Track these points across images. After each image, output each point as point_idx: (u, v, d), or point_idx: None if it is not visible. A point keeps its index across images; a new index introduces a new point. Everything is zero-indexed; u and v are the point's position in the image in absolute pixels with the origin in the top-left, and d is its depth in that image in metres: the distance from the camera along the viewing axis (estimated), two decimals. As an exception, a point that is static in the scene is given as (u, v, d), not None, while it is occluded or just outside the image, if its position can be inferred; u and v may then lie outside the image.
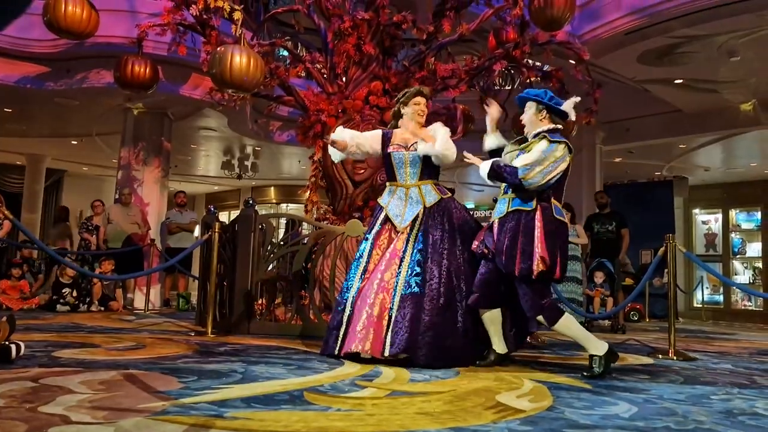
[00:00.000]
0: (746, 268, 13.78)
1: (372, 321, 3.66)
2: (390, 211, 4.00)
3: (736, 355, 5.11)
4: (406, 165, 4.05)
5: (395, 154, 4.06)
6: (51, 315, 6.90)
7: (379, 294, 3.74)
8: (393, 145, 4.09)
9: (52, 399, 2.22)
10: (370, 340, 3.60)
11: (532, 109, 3.78)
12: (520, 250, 3.49)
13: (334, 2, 6.15)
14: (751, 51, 7.45)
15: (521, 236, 3.52)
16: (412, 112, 4.11)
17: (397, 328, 3.60)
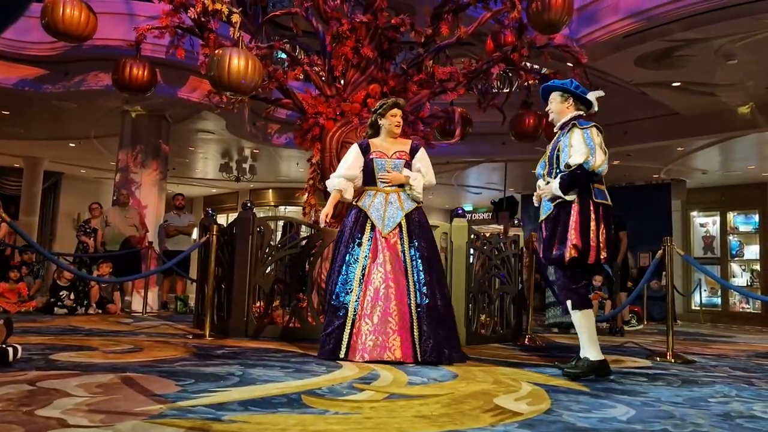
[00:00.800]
0: (744, 270, 13.78)
1: (395, 330, 3.85)
2: (372, 215, 4.14)
3: (734, 357, 5.12)
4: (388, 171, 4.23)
5: (378, 161, 4.24)
6: (48, 318, 6.89)
7: (392, 302, 3.91)
8: (374, 152, 4.26)
9: (49, 402, 2.21)
10: (399, 347, 3.81)
11: (557, 98, 3.85)
12: (558, 239, 3.62)
13: (333, 5, 6.16)
14: (748, 54, 7.46)
15: (560, 226, 3.63)
16: (389, 124, 4.29)
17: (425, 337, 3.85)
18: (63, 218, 15.50)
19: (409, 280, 3.98)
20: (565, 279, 3.66)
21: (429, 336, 3.85)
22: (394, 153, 4.25)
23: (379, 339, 3.81)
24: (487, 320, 5.72)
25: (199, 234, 6.40)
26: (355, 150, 4.33)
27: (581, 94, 3.84)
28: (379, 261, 4.00)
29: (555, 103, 3.86)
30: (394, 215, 4.12)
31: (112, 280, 7.86)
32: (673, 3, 6.54)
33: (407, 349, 3.81)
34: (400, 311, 3.88)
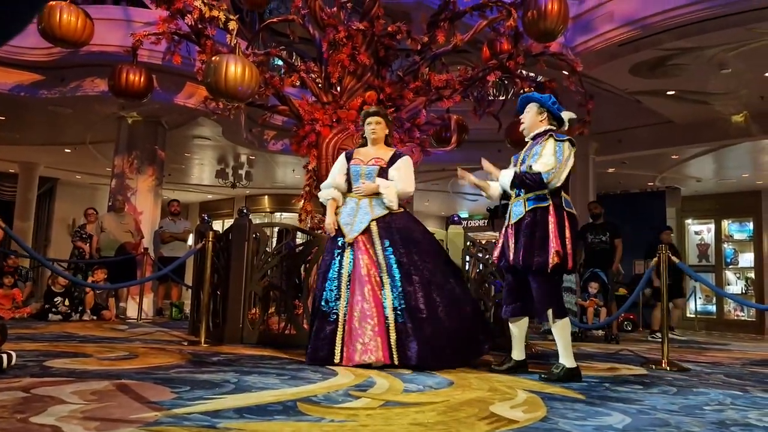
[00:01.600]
0: (739, 278, 13.83)
1: (376, 332, 3.89)
2: (341, 220, 4.24)
3: (729, 365, 5.13)
4: (361, 177, 4.31)
5: (353, 167, 4.36)
6: (43, 324, 6.86)
7: (373, 306, 3.94)
8: (354, 159, 4.39)
9: (43, 409, 2.20)
10: (380, 349, 3.85)
11: (533, 109, 3.98)
12: (537, 246, 3.67)
13: (329, 12, 6.18)
14: (741, 63, 7.52)
15: (538, 231, 3.70)
16: (366, 132, 4.44)
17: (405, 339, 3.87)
18: (58, 224, 15.45)
19: (384, 284, 4.00)
20: (547, 287, 3.73)
21: (408, 339, 3.85)
22: (371, 160, 4.34)
23: (363, 343, 3.86)
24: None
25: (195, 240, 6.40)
26: (341, 158, 4.49)
27: (556, 111, 4.00)
28: (360, 266, 4.05)
29: (530, 114, 3.99)
30: (361, 221, 4.18)
31: (107, 286, 7.84)
32: (667, 12, 6.60)
33: (385, 351, 3.85)
34: (378, 315, 3.92)
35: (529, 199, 3.79)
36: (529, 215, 3.75)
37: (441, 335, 3.96)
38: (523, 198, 3.82)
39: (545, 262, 3.62)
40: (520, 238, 3.75)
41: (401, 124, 6.23)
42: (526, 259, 3.69)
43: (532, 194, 3.78)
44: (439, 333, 3.96)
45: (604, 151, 10.75)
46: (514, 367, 3.93)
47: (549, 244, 3.63)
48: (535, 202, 3.76)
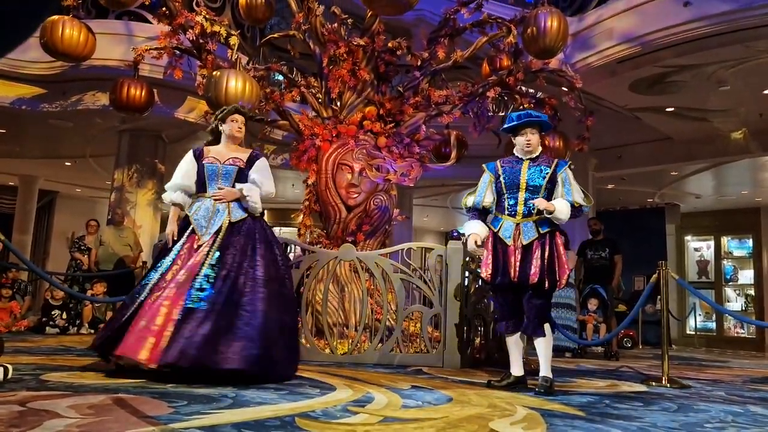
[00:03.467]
0: (738, 295, 13.80)
1: (153, 331, 3.52)
2: (195, 222, 3.99)
3: (730, 382, 5.10)
4: (218, 177, 4.10)
5: (209, 166, 4.12)
6: (40, 337, 6.83)
7: (166, 304, 3.62)
8: (207, 158, 4.14)
9: (39, 423, 2.18)
10: (148, 348, 3.45)
11: (537, 133, 4.06)
12: (548, 266, 3.82)
13: (330, 28, 6.22)
14: (740, 81, 7.56)
15: (548, 253, 3.85)
16: (230, 129, 4.20)
17: (175, 340, 3.48)
18: (57, 237, 15.43)
19: (193, 284, 3.69)
20: (547, 304, 3.93)
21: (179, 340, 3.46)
22: (228, 159, 4.14)
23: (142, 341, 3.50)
24: (482, 344, 5.70)
25: (194, 254, 6.37)
26: (188, 157, 4.18)
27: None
28: (182, 266, 3.82)
29: (536, 138, 4.04)
30: (216, 222, 3.97)
31: (105, 300, 7.80)
32: (666, 29, 6.64)
33: (156, 353, 3.44)
34: (168, 313, 3.58)
35: (542, 224, 3.88)
36: (543, 239, 3.86)
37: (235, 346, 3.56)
38: (534, 221, 3.89)
39: (556, 282, 3.83)
40: (531, 259, 3.83)
41: (401, 139, 6.25)
42: (539, 277, 3.78)
43: (542, 218, 3.88)
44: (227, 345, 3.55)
45: (603, 167, 10.78)
46: (513, 383, 3.94)
47: (561, 266, 3.84)
48: (548, 226, 3.89)
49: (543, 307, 3.88)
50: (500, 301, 4.07)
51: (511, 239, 3.90)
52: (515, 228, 3.92)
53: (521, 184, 3.96)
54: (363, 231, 6.04)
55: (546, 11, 5.71)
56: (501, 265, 3.92)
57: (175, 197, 4.16)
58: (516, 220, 3.93)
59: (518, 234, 3.90)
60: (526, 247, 3.86)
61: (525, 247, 3.86)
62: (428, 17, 7.69)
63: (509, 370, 4.01)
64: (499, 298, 4.08)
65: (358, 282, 5.52)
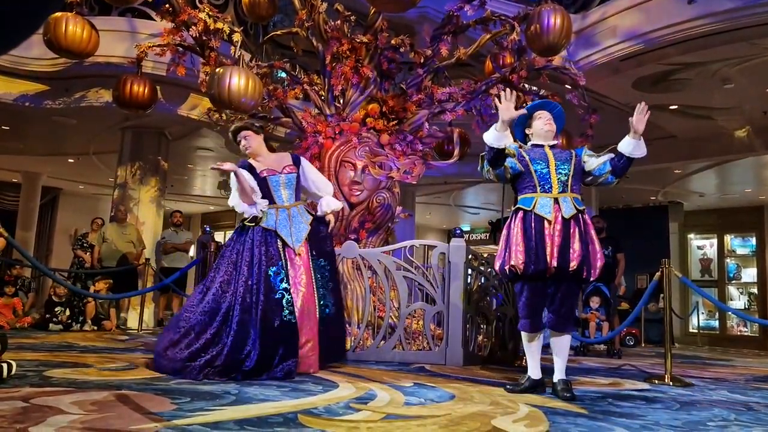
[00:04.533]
0: (741, 293, 13.78)
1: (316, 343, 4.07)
2: (281, 232, 4.13)
3: (733, 381, 5.09)
4: (282, 187, 4.26)
5: (271, 178, 4.25)
6: (43, 334, 6.85)
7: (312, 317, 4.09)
8: (263, 171, 4.25)
9: (42, 419, 2.19)
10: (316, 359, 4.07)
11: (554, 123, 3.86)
12: (587, 254, 3.51)
13: (333, 25, 6.22)
14: (744, 78, 7.53)
15: (585, 239, 3.54)
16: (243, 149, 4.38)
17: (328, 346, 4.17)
18: (60, 234, 15.46)
19: (315, 293, 4.14)
20: (578, 299, 3.70)
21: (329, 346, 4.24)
22: (284, 168, 4.31)
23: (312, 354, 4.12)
24: (485, 341, 5.70)
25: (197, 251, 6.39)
26: (245, 172, 4.18)
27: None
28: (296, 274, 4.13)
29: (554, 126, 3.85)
30: (299, 229, 4.19)
31: (108, 296, 7.82)
32: (670, 27, 6.62)
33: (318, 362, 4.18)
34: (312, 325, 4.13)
35: (576, 199, 3.57)
36: (577, 218, 3.54)
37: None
38: (570, 195, 3.57)
39: (591, 273, 3.52)
40: (570, 241, 3.49)
41: (404, 136, 6.24)
42: (579, 263, 3.46)
43: (577, 195, 3.60)
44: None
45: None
46: (532, 387, 3.63)
47: (596, 255, 3.52)
48: (581, 204, 3.59)
49: (576, 299, 3.59)
50: (529, 295, 3.60)
51: (551, 214, 3.52)
52: (554, 202, 3.55)
53: (550, 161, 3.64)
54: (366, 228, 6.04)
55: (549, 8, 5.69)
56: (535, 251, 3.50)
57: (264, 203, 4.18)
58: (552, 195, 3.57)
59: (558, 209, 3.54)
60: (565, 227, 3.49)
61: (564, 229, 3.49)
62: (431, 14, 7.68)
63: (527, 374, 3.70)
64: (528, 291, 3.60)
65: (360, 279, 5.52)
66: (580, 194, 3.67)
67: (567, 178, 3.62)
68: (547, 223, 3.52)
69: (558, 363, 3.62)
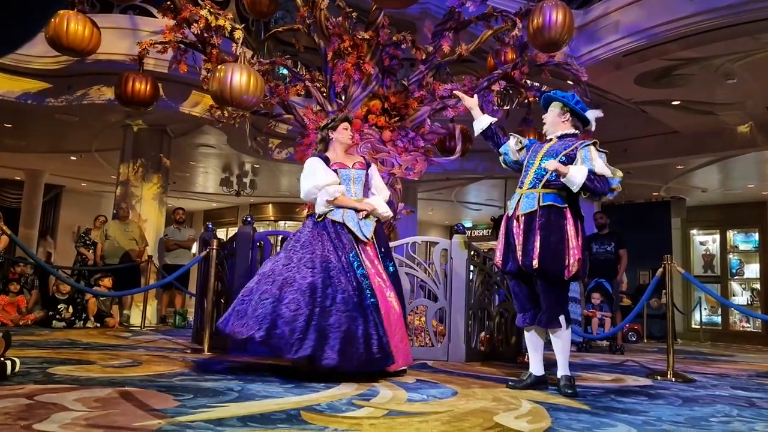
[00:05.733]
0: (744, 289, 13.76)
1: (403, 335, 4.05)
2: (349, 224, 4.08)
3: (735, 377, 5.09)
4: (352, 182, 4.25)
5: (343, 172, 4.23)
6: (47, 331, 6.87)
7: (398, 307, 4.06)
8: (336, 164, 4.25)
9: (47, 416, 2.20)
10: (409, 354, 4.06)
11: (556, 109, 3.82)
12: (552, 251, 3.48)
13: (334, 22, 6.21)
14: (747, 73, 7.51)
15: (553, 236, 3.50)
16: (343, 137, 4.32)
17: None
18: (63, 231, 15.49)
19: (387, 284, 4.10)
20: (561, 294, 3.62)
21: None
22: (355, 164, 4.31)
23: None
24: (487, 337, 5.71)
25: (199, 248, 6.40)
26: (320, 161, 4.17)
27: (580, 111, 3.82)
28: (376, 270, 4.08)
29: (553, 114, 3.82)
30: (368, 224, 4.15)
31: (111, 293, 7.84)
32: (672, 22, 6.60)
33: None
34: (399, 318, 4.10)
35: (547, 194, 3.57)
36: (543, 213, 3.53)
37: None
38: (539, 191, 3.59)
39: (562, 270, 3.48)
40: (531, 238, 3.52)
41: (406, 133, 6.24)
42: (541, 263, 3.47)
43: (552, 190, 3.57)
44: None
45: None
46: (534, 384, 3.64)
47: (569, 251, 3.48)
48: (554, 199, 3.56)
49: (555, 296, 3.56)
50: (515, 291, 3.74)
51: (512, 210, 3.64)
52: (518, 199, 3.66)
53: (538, 156, 3.70)
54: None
55: (551, 4, 5.68)
56: (510, 248, 3.62)
57: (338, 189, 4.09)
58: (522, 191, 3.67)
59: (518, 205, 3.63)
60: (527, 224, 3.55)
61: (527, 227, 3.54)
62: (433, 10, 7.66)
63: (529, 370, 3.72)
64: (514, 286, 3.75)
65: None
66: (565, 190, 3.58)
67: (547, 172, 3.60)
68: (513, 220, 3.63)
69: (558, 359, 3.63)
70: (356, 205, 4.12)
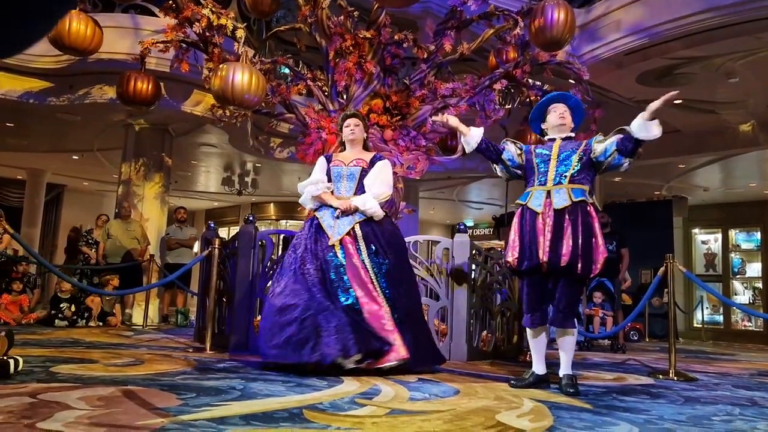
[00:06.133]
0: (746, 288, 13.75)
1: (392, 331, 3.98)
2: (324, 223, 4.16)
3: (737, 375, 5.09)
4: (343, 179, 4.28)
5: (334, 168, 4.32)
6: (49, 330, 6.88)
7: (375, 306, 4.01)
8: (334, 161, 4.36)
9: (50, 415, 2.20)
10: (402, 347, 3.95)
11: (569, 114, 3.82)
12: (584, 247, 3.43)
13: (336, 21, 6.21)
14: (749, 72, 7.50)
15: (583, 234, 3.45)
16: (344, 134, 4.43)
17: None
18: (65, 230, 15.49)
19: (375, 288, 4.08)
20: (579, 292, 3.61)
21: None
22: (352, 161, 4.32)
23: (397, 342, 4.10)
24: (489, 336, 5.71)
25: (201, 247, 6.41)
26: (321, 160, 4.45)
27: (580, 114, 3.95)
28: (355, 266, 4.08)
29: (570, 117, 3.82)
30: (343, 224, 4.13)
31: (113, 292, 7.84)
32: (675, 21, 6.60)
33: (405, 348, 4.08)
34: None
35: (575, 189, 3.51)
36: (573, 210, 3.47)
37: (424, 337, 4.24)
38: (567, 187, 3.53)
39: (590, 268, 3.44)
40: (561, 235, 3.44)
41: (407, 132, 6.24)
42: (570, 259, 3.41)
43: (578, 185, 3.53)
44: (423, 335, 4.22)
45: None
46: (536, 383, 3.61)
47: (597, 250, 3.44)
48: (582, 195, 3.50)
49: (575, 295, 3.52)
50: (528, 290, 3.62)
51: (541, 206, 3.52)
52: (546, 195, 3.56)
53: (553, 155, 3.65)
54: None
55: (553, 3, 5.68)
56: (528, 246, 3.52)
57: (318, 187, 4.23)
58: (546, 187, 3.58)
59: (549, 201, 3.53)
60: (557, 220, 3.46)
61: (556, 222, 3.46)
62: (435, 9, 7.66)
63: (531, 368, 3.69)
64: (527, 286, 3.63)
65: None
66: (588, 185, 3.60)
67: (569, 168, 3.59)
68: (539, 216, 3.52)
69: (563, 359, 3.62)
70: (333, 203, 4.19)
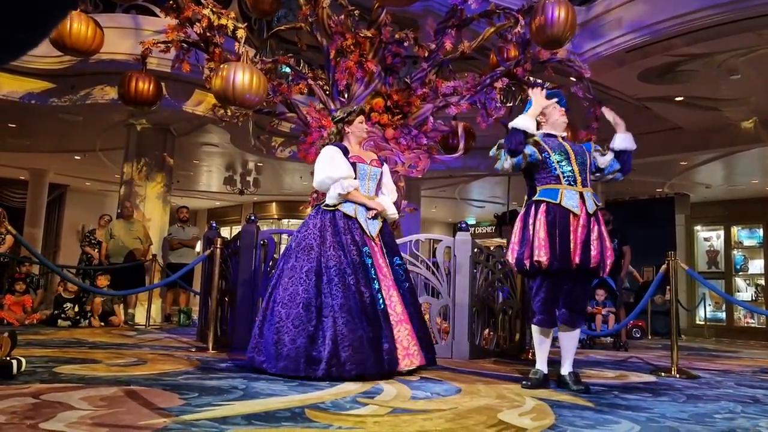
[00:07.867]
0: (749, 285, 13.72)
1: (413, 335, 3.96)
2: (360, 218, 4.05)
3: (739, 373, 5.09)
4: (368, 179, 4.22)
5: (360, 166, 4.18)
6: (52, 330, 6.89)
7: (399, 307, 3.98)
8: (354, 157, 4.18)
9: (53, 415, 2.21)
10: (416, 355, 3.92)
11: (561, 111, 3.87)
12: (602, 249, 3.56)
13: (337, 20, 6.21)
14: (751, 69, 7.48)
15: (602, 233, 3.58)
16: (359, 131, 4.28)
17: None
18: (67, 230, 15.54)
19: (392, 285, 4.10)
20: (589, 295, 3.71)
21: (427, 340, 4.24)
22: (372, 161, 4.29)
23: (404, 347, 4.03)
24: (491, 334, 5.71)
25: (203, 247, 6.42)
26: (339, 152, 4.08)
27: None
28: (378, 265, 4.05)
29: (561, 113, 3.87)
30: (374, 223, 4.12)
31: (115, 292, 7.86)
32: (676, 18, 6.58)
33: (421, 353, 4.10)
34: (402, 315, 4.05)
35: (594, 194, 3.62)
36: (595, 213, 3.57)
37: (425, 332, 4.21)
38: (590, 191, 3.61)
39: (604, 268, 3.59)
40: (589, 236, 3.50)
41: (408, 131, 6.24)
42: (600, 260, 3.52)
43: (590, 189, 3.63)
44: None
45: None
46: (544, 381, 3.62)
47: (608, 251, 3.58)
48: (597, 198, 3.65)
49: (587, 294, 3.69)
50: (546, 290, 3.55)
51: (578, 208, 3.49)
52: (579, 197, 3.53)
53: (570, 153, 3.63)
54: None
55: (554, 1, 5.66)
56: (560, 246, 3.46)
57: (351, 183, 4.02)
58: (578, 188, 3.54)
59: (583, 203, 3.52)
60: (587, 223, 3.50)
61: (587, 225, 3.50)
62: (435, 8, 7.66)
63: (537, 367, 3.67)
64: (547, 287, 3.55)
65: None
66: None
67: (585, 172, 3.66)
68: (573, 217, 3.49)
69: (568, 356, 3.64)
70: (368, 203, 4.09)
